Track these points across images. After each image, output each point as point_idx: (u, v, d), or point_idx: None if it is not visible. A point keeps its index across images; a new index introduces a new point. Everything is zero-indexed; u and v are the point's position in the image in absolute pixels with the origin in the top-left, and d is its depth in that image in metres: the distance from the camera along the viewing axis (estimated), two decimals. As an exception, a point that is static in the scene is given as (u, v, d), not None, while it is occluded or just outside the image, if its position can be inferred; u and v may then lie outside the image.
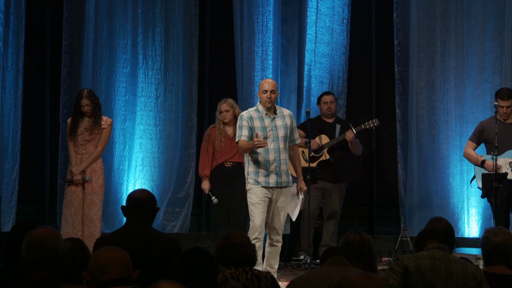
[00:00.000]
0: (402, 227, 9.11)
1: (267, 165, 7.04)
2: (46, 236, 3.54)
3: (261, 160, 7.05)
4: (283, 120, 7.13)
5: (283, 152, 7.09)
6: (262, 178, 7.06)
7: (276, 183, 7.06)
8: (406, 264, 4.33)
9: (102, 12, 9.70)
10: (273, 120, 7.09)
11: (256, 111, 7.13)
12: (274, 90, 7.09)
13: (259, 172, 7.06)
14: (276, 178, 7.06)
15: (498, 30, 9.25)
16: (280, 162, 7.06)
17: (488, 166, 7.92)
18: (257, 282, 4.14)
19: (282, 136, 7.08)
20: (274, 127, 7.06)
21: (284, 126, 7.11)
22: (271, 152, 7.05)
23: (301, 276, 4.34)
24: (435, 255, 4.37)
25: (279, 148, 7.07)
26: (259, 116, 7.08)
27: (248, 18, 9.64)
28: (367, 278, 2.83)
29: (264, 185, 7.05)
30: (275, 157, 7.05)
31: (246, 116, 7.10)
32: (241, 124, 7.09)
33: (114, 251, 3.51)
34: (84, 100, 7.97)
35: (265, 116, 7.08)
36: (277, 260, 7.13)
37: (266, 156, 7.04)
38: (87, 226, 7.89)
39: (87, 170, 7.99)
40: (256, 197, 7.05)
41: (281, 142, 7.08)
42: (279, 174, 7.06)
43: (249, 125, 7.06)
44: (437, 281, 4.31)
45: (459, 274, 4.32)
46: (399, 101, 9.48)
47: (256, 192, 7.06)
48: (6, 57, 9.55)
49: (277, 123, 7.10)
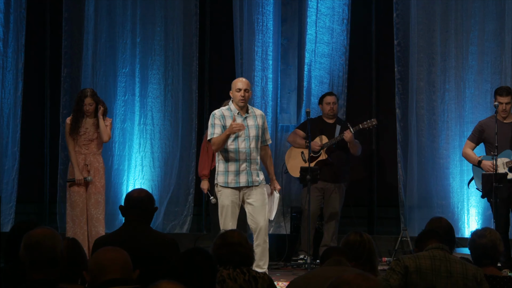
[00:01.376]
0: (402, 227, 9.11)
1: (237, 164, 7.02)
2: (44, 236, 3.54)
3: (231, 159, 7.03)
4: (255, 120, 7.12)
5: (254, 152, 7.07)
6: (232, 178, 7.04)
7: (247, 182, 7.04)
8: (407, 264, 4.34)
9: (101, 12, 9.70)
10: (245, 120, 7.09)
11: (228, 110, 7.13)
12: (248, 89, 7.09)
13: (229, 171, 7.05)
14: (246, 177, 7.04)
15: (498, 30, 9.25)
16: (251, 161, 7.04)
17: (485, 166, 7.92)
18: (255, 283, 4.13)
19: (253, 135, 7.07)
20: (246, 126, 7.05)
21: (255, 126, 7.10)
22: (241, 151, 7.04)
23: (301, 276, 4.34)
24: (435, 255, 4.37)
25: (250, 147, 7.05)
26: (231, 115, 7.08)
27: (248, 18, 9.64)
28: (363, 278, 2.82)
29: (234, 185, 7.03)
30: (245, 156, 7.04)
31: (218, 114, 7.09)
32: (213, 122, 7.07)
33: (114, 251, 3.51)
34: (88, 99, 7.99)
35: (237, 115, 7.07)
36: (265, 260, 7.04)
37: (236, 156, 7.03)
38: (93, 226, 7.90)
39: (91, 170, 8.00)
40: (226, 199, 7.03)
41: (252, 141, 7.06)
42: (249, 173, 7.04)
43: (221, 123, 7.04)
44: (437, 281, 4.31)
45: (459, 274, 4.33)
46: (399, 101, 9.48)
47: (226, 194, 7.03)
48: (6, 57, 9.55)
49: (249, 122, 7.09)
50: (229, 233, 4.31)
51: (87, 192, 8.02)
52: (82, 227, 7.89)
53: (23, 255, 3.52)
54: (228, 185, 7.04)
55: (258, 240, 7.04)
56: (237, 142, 7.03)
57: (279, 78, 9.70)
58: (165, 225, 9.59)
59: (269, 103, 9.57)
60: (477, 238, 4.60)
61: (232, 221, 7.00)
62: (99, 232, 7.79)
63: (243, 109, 7.11)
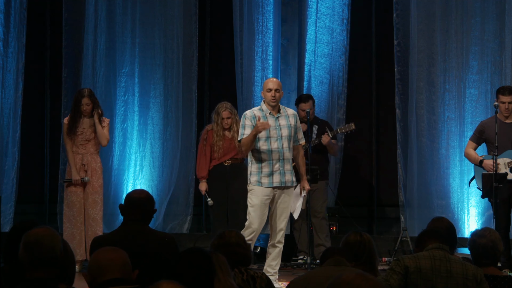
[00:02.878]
0: (402, 227, 9.11)
1: (270, 165, 7.02)
2: (44, 236, 3.53)
3: (264, 159, 7.02)
4: (287, 119, 7.11)
5: (286, 152, 7.07)
6: (266, 179, 7.03)
7: (280, 182, 7.04)
8: (407, 264, 4.34)
9: (101, 12, 9.70)
10: (277, 120, 7.09)
11: (260, 110, 7.12)
12: (279, 89, 7.10)
13: (262, 172, 7.04)
14: (280, 177, 7.04)
15: (498, 30, 9.24)
16: (284, 161, 7.04)
17: (486, 166, 7.92)
18: (253, 283, 4.13)
19: (286, 135, 7.07)
20: (278, 127, 7.05)
21: (288, 125, 7.10)
22: (274, 151, 7.04)
23: (301, 276, 4.34)
24: (435, 255, 4.37)
25: (283, 147, 7.06)
26: (263, 115, 7.07)
27: (248, 18, 9.63)
28: (362, 278, 2.82)
29: (267, 185, 7.03)
30: (278, 156, 7.04)
31: (250, 115, 7.09)
32: (244, 123, 7.07)
33: (114, 251, 3.51)
34: (85, 99, 7.99)
35: (269, 115, 7.07)
36: (278, 261, 7.11)
37: (269, 156, 7.02)
38: (90, 226, 7.90)
39: (88, 170, 8.00)
40: (257, 199, 7.02)
41: (285, 141, 7.06)
42: (282, 173, 7.04)
43: (252, 124, 7.03)
44: (437, 281, 4.31)
45: (459, 275, 4.33)
46: (399, 101, 9.48)
47: (257, 193, 7.02)
48: (6, 57, 9.55)
49: (281, 122, 7.09)
50: (227, 233, 4.31)
51: (84, 192, 8.02)
52: (79, 227, 7.89)
53: (23, 255, 3.52)
54: (261, 184, 7.02)
55: (274, 240, 7.07)
56: (270, 142, 7.03)
57: (279, 78, 9.68)
58: (165, 225, 9.58)
59: (269, 103, 9.55)
60: (477, 238, 4.60)
61: (259, 222, 6.99)
62: (96, 232, 7.78)
63: (275, 109, 7.10)
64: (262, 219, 7.03)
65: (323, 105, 9.54)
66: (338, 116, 9.54)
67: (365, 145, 9.84)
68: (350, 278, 2.82)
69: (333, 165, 9.40)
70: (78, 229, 7.90)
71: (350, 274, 2.85)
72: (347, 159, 9.66)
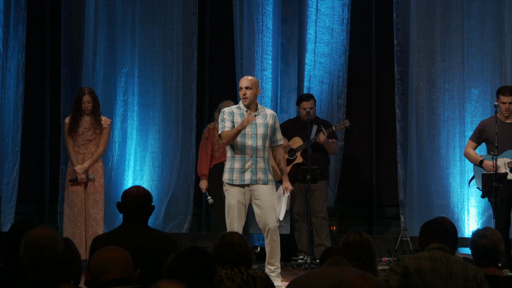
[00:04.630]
0: (402, 227, 9.11)
1: (242, 162, 7.01)
2: (44, 237, 3.52)
3: (237, 157, 7.03)
4: (264, 118, 7.09)
5: (260, 150, 7.04)
6: (237, 175, 7.02)
7: (251, 180, 7.01)
8: (407, 264, 4.34)
9: (101, 12, 9.70)
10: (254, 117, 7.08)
11: (237, 108, 7.13)
12: (249, 87, 7.04)
13: (234, 169, 7.03)
14: (251, 175, 7.02)
15: (498, 30, 9.25)
16: (257, 159, 7.02)
17: (487, 166, 7.91)
18: (253, 283, 4.13)
19: (261, 134, 7.05)
20: (253, 125, 7.04)
21: (264, 124, 7.07)
22: (248, 148, 7.03)
23: (302, 276, 4.34)
24: (435, 255, 4.37)
25: (257, 145, 7.03)
26: (240, 113, 7.08)
27: (248, 18, 9.64)
28: (363, 278, 2.82)
29: (239, 182, 7.01)
30: (251, 154, 7.03)
31: (228, 111, 7.11)
32: (223, 118, 7.07)
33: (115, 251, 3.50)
34: (86, 96, 8.00)
35: (246, 113, 7.06)
36: (277, 257, 7.08)
37: (242, 152, 7.02)
38: (91, 226, 7.91)
39: (89, 169, 8.01)
40: (233, 199, 7.02)
41: (260, 140, 7.04)
42: (254, 171, 7.01)
43: (231, 118, 7.05)
44: (437, 282, 4.31)
45: (459, 275, 4.33)
46: (399, 101, 9.48)
47: (232, 193, 7.02)
48: (6, 57, 9.55)
49: (258, 121, 7.07)
50: (229, 234, 4.31)
51: (85, 192, 8.02)
52: (80, 227, 7.89)
53: (23, 256, 3.51)
54: (233, 182, 7.02)
55: (267, 239, 7.07)
56: (244, 139, 7.03)
57: (279, 78, 9.70)
58: (165, 225, 9.58)
59: (269, 103, 9.56)
60: (478, 239, 4.60)
61: (239, 221, 6.98)
62: (96, 232, 7.79)
63: (251, 107, 7.09)
64: (241, 218, 7.01)
65: (323, 105, 9.54)
66: (338, 116, 9.53)
67: (365, 145, 9.84)
68: (351, 278, 2.82)
69: (333, 165, 9.40)
70: (78, 229, 7.90)
71: (351, 274, 2.85)
72: (347, 159, 9.66)
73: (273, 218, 7.05)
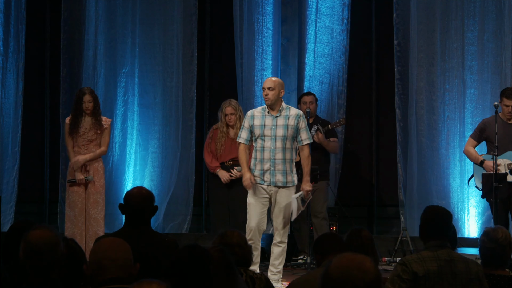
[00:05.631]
0: (402, 227, 9.11)
1: (262, 164, 7.06)
2: (43, 241, 3.46)
3: (258, 158, 7.09)
4: (286, 120, 7.08)
5: (279, 152, 7.04)
6: (258, 176, 7.09)
7: (270, 182, 7.05)
8: (415, 270, 4.26)
9: (101, 12, 9.69)
10: (275, 119, 7.08)
11: (262, 110, 7.16)
12: (272, 87, 7.05)
13: (256, 170, 7.11)
14: (270, 177, 7.05)
15: (498, 30, 9.24)
16: (275, 161, 7.03)
17: (487, 167, 7.90)
18: (252, 284, 4.12)
19: (280, 135, 7.05)
20: (274, 126, 7.04)
21: (285, 125, 7.07)
22: (266, 150, 7.05)
23: (302, 276, 4.33)
24: (439, 255, 4.33)
25: (276, 147, 7.04)
26: (263, 115, 7.10)
27: (248, 18, 9.63)
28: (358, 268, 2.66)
29: (260, 182, 7.06)
30: (269, 156, 7.04)
31: (249, 114, 7.16)
32: (243, 125, 7.19)
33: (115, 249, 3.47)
34: (87, 96, 7.99)
35: (268, 114, 7.08)
36: (280, 260, 7.10)
37: (262, 155, 7.06)
38: (91, 226, 7.90)
39: (90, 170, 8.00)
40: (251, 197, 7.07)
41: (279, 141, 7.04)
42: (273, 173, 7.04)
43: (249, 124, 7.09)
44: (443, 283, 4.29)
45: (463, 274, 4.32)
46: (399, 101, 9.48)
47: (253, 191, 7.06)
48: (6, 57, 9.54)
49: (279, 122, 7.07)
50: (228, 234, 4.30)
51: (86, 192, 8.01)
52: (80, 227, 7.88)
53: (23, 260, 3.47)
54: (255, 181, 7.07)
55: (275, 239, 7.11)
56: (264, 141, 7.05)
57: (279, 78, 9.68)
58: (165, 225, 9.58)
59: (269, 103, 9.55)
60: (487, 240, 4.56)
61: (256, 219, 7.01)
62: (96, 233, 7.77)
63: (274, 108, 7.08)
64: (260, 218, 7.03)
65: (323, 105, 9.54)
66: (338, 116, 9.53)
67: (365, 145, 9.84)
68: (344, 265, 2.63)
69: (333, 165, 9.39)
70: (79, 229, 7.89)
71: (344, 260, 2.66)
72: (347, 159, 9.65)
73: (283, 221, 7.07)
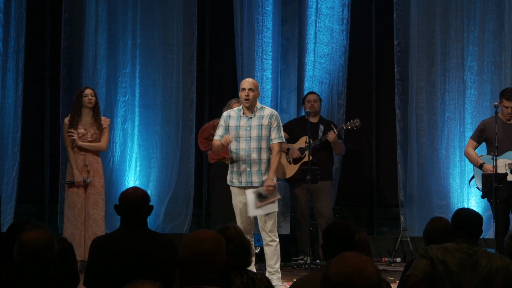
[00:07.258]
0: (402, 227, 9.11)
1: (238, 165, 7.09)
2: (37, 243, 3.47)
3: (234, 160, 7.11)
4: (260, 120, 7.08)
5: (254, 152, 7.04)
6: (236, 178, 7.11)
7: (246, 183, 7.06)
8: (432, 256, 4.37)
9: (102, 13, 9.69)
10: (250, 120, 7.08)
11: (237, 111, 7.16)
12: (253, 89, 7.04)
13: (233, 171, 7.13)
14: (246, 178, 7.07)
15: (498, 30, 9.24)
16: (251, 162, 7.04)
17: (487, 170, 7.88)
18: (252, 285, 4.12)
19: (255, 136, 7.05)
20: (248, 127, 7.05)
21: (258, 126, 7.06)
22: (241, 151, 7.06)
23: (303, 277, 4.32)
24: (463, 248, 4.39)
25: (250, 148, 7.04)
26: (238, 115, 7.11)
27: (248, 18, 9.63)
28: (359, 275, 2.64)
29: (238, 185, 7.10)
30: (245, 157, 7.04)
31: (225, 115, 7.17)
32: (220, 123, 7.18)
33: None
34: (89, 90, 8.03)
35: (243, 115, 7.08)
36: (275, 260, 7.09)
37: (237, 156, 7.08)
38: (90, 226, 7.90)
39: (90, 170, 8.00)
40: (234, 199, 7.17)
41: (253, 142, 7.04)
42: (249, 174, 7.05)
43: (225, 124, 7.12)
44: (464, 274, 4.33)
45: (483, 267, 4.37)
46: (399, 101, 9.48)
47: (234, 194, 7.16)
48: (6, 57, 9.54)
49: (253, 123, 7.08)
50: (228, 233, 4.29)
51: (86, 193, 8.01)
52: (79, 228, 7.89)
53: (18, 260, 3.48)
54: (233, 184, 7.14)
55: (265, 240, 7.14)
56: (238, 143, 7.06)
57: (279, 79, 9.69)
58: (165, 225, 9.58)
59: (269, 104, 9.56)
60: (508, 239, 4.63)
61: (242, 219, 7.10)
62: (96, 233, 7.77)
63: (249, 109, 7.09)
64: (245, 218, 7.10)
65: (323, 105, 9.52)
66: (338, 116, 9.53)
67: (365, 145, 9.84)
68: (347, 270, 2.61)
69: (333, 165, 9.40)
70: (78, 229, 7.89)
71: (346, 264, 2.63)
72: (347, 159, 9.65)
73: (266, 219, 7.07)
